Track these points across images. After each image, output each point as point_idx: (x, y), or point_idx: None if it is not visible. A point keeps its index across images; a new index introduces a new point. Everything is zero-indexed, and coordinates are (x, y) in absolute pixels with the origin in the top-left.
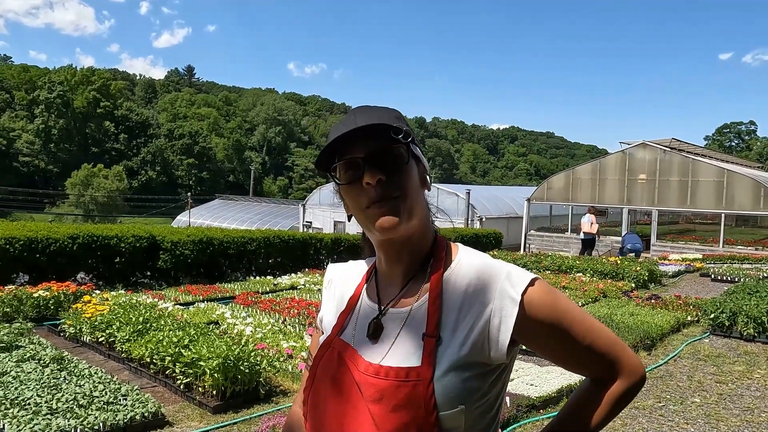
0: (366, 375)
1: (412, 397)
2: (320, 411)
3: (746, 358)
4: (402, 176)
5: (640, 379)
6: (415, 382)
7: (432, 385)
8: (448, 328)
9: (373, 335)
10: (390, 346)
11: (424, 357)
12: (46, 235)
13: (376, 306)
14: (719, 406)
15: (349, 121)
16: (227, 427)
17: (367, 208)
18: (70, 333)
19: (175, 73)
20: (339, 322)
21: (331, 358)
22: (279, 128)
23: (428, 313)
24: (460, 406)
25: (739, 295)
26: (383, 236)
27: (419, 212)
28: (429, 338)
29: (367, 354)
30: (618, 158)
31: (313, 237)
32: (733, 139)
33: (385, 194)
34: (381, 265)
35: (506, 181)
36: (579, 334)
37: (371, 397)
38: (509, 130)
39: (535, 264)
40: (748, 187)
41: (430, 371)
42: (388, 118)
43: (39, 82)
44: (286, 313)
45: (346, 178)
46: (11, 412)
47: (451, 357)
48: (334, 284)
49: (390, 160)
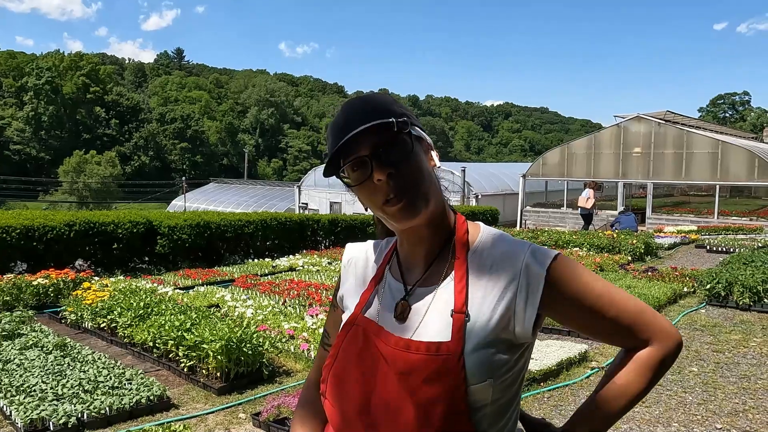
0: (396, 350)
1: (443, 370)
2: (345, 386)
3: (742, 327)
4: (410, 164)
5: (675, 344)
6: (445, 356)
7: (462, 359)
8: (475, 304)
9: (401, 314)
10: (419, 323)
11: (453, 332)
12: (43, 222)
13: (401, 286)
14: (716, 375)
15: (346, 122)
16: (232, 408)
17: (383, 204)
18: (72, 320)
19: (165, 57)
20: (362, 301)
21: (356, 334)
22: (272, 110)
23: (455, 290)
24: (488, 379)
25: (734, 265)
26: (404, 226)
27: (434, 193)
28: (458, 314)
29: (396, 331)
30: (613, 132)
31: (310, 218)
32: (727, 110)
33: (398, 187)
34: (403, 247)
35: (501, 157)
36: (605, 306)
37: (401, 370)
38: (503, 106)
39: (531, 240)
40: (742, 158)
41: (459, 346)
42: (383, 110)
43: (26, 68)
44: (285, 294)
45: (356, 178)
46: (17, 398)
47: (479, 333)
48: (354, 263)
49: (395, 151)
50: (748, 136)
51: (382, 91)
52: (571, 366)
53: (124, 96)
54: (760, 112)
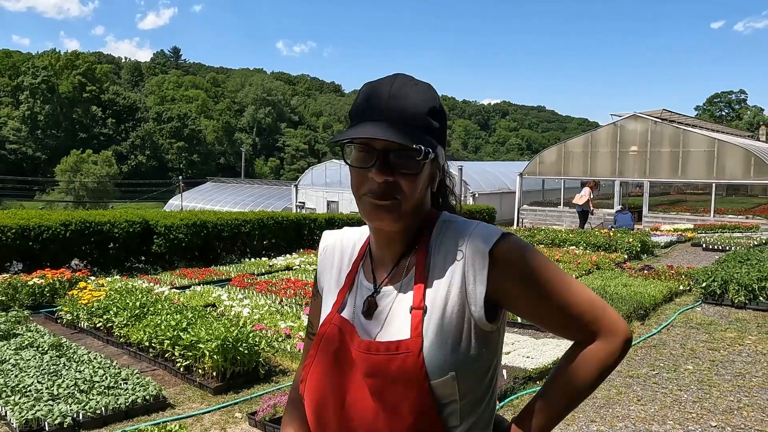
0: (360, 352)
1: (403, 369)
2: (321, 388)
3: (737, 325)
4: (409, 182)
5: (623, 339)
6: (404, 354)
7: (421, 355)
8: (430, 296)
9: (368, 313)
10: (383, 322)
11: (411, 329)
12: (39, 222)
13: (371, 284)
14: (712, 373)
15: (379, 107)
16: (228, 408)
17: (364, 194)
18: (67, 320)
19: (161, 55)
20: (339, 300)
21: (332, 335)
22: (269, 109)
23: (415, 286)
24: (450, 373)
25: (730, 263)
26: (370, 223)
27: (415, 206)
28: (416, 310)
29: (363, 331)
30: (609, 130)
31: (307, 217)
32: (724, 108)
33: (386, 193)
34: (374, 244)
35: (498, 156)
36: (554, 291)
37: (366, 373)
38: (500, 105)
39: (528, 238)
40: (738, 157)
41: (418, 342)
42: (422, 116)
43: (23, 67)
44: (282, 293)
45: (356, 158)
46: (13, 399)
47: (436, 324)
48: (329, 251)
49: (404, 164)
50: (744, 134)
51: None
52: None
53: (120, 95)
54: (757, 110)
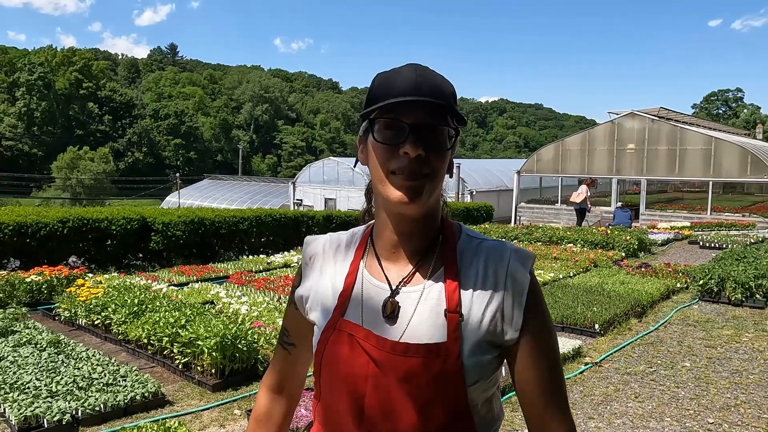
0: (392, 354)
1: (442, 372)
2: (337, 394)
3: (734, 323)
4: (438, 159)
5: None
6: (444, 357)
7: (460, 360)
8: (466, 305)
9: (391, 315)
10: (407, 323)
11: (449, 333)
12: (36, 219)
13: (385, 284)
14: (709, 370)
15: (408, 80)
16: (227, 405)
17: (392, 172)
18: (65, 317)
19: (158, 52)
20: (340, 303)
21: (339, 340)
22: (266, 106)
23: (447, 289)
24: (479, 380)
25: (727, 261)
26: (397, 209)
27: (437, 194)
28: (452, 314)
29: (386, 333)
30: (607, 128)
31: (305, 215)
32: (721, 106)
33: (417, 170)
34: (384, 241)
35: (495, 154)
36: (541, 347)
37: (398, 375)
38: (498, 102)
39: (526, 236)
40: (735, 155)
41: (457, 346)
42: (448, 95)
43: (19, 63)
44: (280, 291)
45: (384, 136)
46: (11, 396)
47: (472, 333)
48: (319, 259)
49: (434, 138)
50: (741, 132)
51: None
52: (565, 362)
53: (117, 92)
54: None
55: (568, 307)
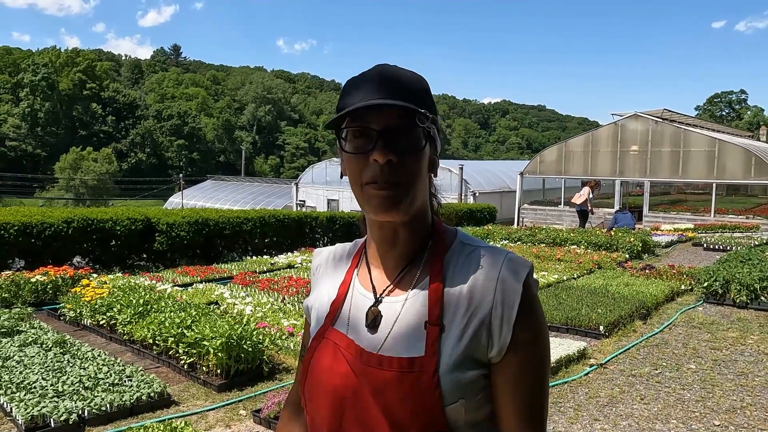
0: (367, 366)
1: (417, 387)
2: (317, 404)
3: (739, 325)
4: (413, 161)
5: None
6: (418, 372)
7: (437, 376)
8: (448, 316)
9: (372, 325)
10: (387, 334)
11: (427, 346)
12: (41, 219)
13: (371, 293)
14: (714, 372)
15: (371, 84)
16: (233, 405)
17: (367, 184)
18: (71, 317)
19: (162, 53)
20: (332, 312)
21: (325, 349)
22: (269, 107)
23: (430, 300)
24: (460, 399)
25: (731, 263)
26: (378, 218)
27: (421, 197)
28: (432, 327)
29: (365, 344)
30: (610, 130)
31: (308, 216)
32: (724, 108)
33: (391, 177)
34: (373, 249)
35: (498, 155)
36: (528, 358)
37: (374, 388)
38: (501, 104)
39: (529, 237)
40: (738, 156)
41: (434, 361)
42: (417, 91)
43: (23, 64)
44: (284, 291)
45: (353, 146)
46: (18, 395)
47: (453, 347)
48: (322, 270)
49: (405, 141)
50: (744, 134)
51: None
52: (570, 363)
53: (120, 92)
54: (757, 110)
55: (573, 308)
